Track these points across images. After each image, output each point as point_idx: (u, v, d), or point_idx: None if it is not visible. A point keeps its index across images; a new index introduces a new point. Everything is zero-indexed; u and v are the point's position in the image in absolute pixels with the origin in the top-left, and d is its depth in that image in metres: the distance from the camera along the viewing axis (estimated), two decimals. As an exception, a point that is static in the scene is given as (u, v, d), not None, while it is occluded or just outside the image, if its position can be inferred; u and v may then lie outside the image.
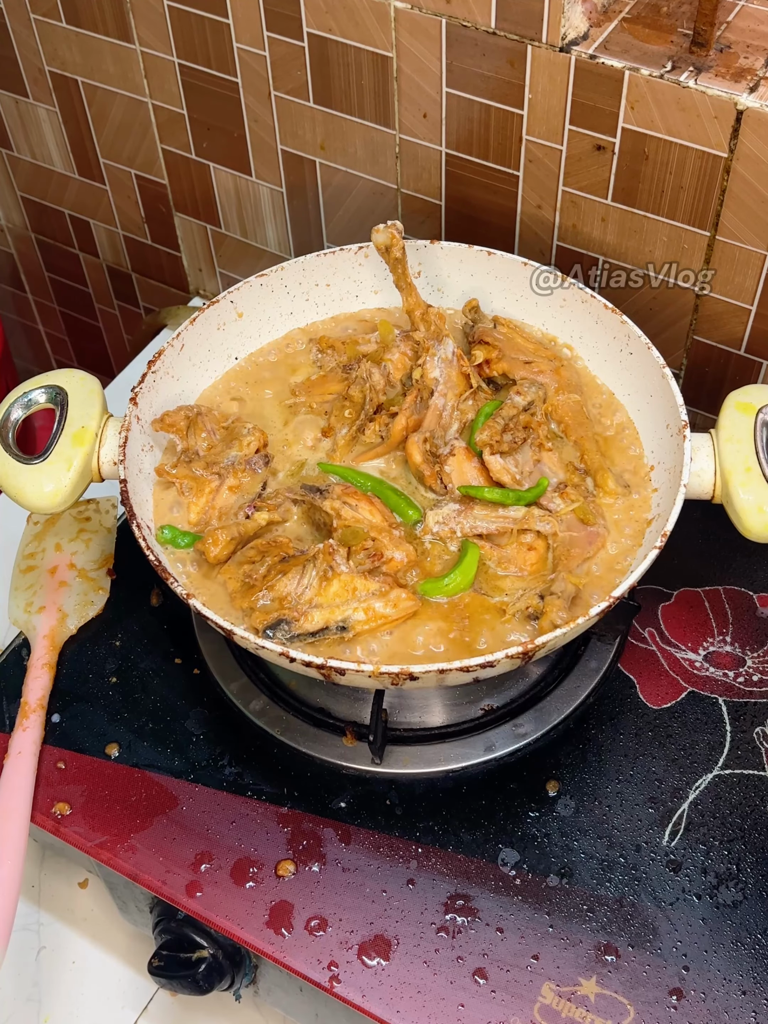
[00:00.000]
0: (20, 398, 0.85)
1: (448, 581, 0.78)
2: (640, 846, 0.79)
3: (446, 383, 0.87)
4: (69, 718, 0.88)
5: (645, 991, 0.73)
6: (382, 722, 0.81)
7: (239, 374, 0.95)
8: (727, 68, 0.84)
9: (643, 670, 0.89)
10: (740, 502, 0.78)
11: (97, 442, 0.84)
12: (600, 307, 0.90)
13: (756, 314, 0.94)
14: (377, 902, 0.77)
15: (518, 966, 0.74)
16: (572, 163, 0.93)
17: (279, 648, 0.71)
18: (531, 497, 0.82)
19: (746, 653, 0.89)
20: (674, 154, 0.87)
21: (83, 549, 0.99)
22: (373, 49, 0.96)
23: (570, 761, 0.84)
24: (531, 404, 0.86)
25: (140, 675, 0.91)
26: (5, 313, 1.69)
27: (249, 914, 0.77)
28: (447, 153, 1.00)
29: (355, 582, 0.76)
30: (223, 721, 0.88)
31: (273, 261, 1.01)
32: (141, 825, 0.82)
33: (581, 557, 0.81)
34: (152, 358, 0.89)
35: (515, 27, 0.88)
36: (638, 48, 0.86)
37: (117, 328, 1.55)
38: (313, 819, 0.81)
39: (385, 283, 0.96)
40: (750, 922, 0.76)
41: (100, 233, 1.39)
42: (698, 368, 1.02)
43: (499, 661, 0.70)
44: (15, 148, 1.35)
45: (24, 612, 0.95)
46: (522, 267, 0.94)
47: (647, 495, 0.85)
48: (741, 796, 0.82)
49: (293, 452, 0.89)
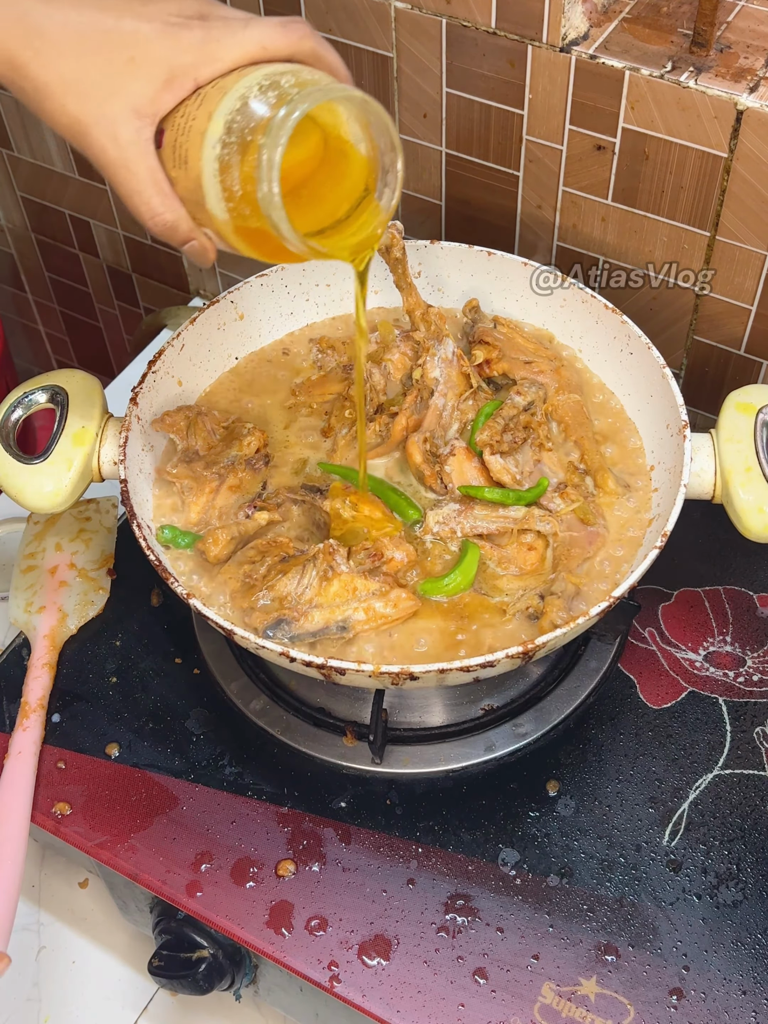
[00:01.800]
0: (20, 398, 0.85)
1: (448, 581, 0.78)
2: (640, 846, 0.79)
3: (446, 383, 0.87)
4: (69, 718, 0.88)
5: (645, 991, 0.73)
6: (382, 722, 0.81)
7: (239, 374, 0.95)
8: (727, 68, 0.84)
9: (643, 670, 0.89)
10: (740, 502, 0.78)
11: (97, 442, 0.84)
12: (600, 307, 0.90)
13: (756, 314, 0.94)
14: (377, 902, 0.77)
15: (518, 966, 0.74)
16: (572, 163, 0.93)
17: (279, 648, 0.71)
18: (531, 497, 0.82)
19: (746, 653, 0.89)
20: (674, 154, 0.87)
21: (83, 549, 0.99)
22: (373, 49, 0.96)
23: (570, 761, 0.84)
24: (531, 404, 0.86)
25: (140, 675, 0.91)
26: (5, 313, 1.69)
27: (249, 914, 0.77)
28: (447, 153, 1.00)
29: (355, 582, 0.77)
30: (223, 721, 0.88)
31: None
32: (141, 825, 0.82)
33: (581, 557, 0.81)
34: (152, 358, 0.89)
35: (515, 27, 0.88)
36: (638, 48, 0.86)
37: (117, 328, 1.55)
38: (313, 819, 0.81)
39: (385, 283, 0.96)
40: (750, 922, 0.76)
41: (100, 233, 1.39)
42: (698, 368, 1.02)
43: (499, 661, 0.70)
44: (15, 148, 1.35)
45: (24, 612, 0.95)
46: (522, 267, 0.94)
47: (647, 495, 0.85)
48: (741, 796, 0.82)
49: (293, 452, 0.89)
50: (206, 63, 0.63)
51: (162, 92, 0.63)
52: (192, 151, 0.62)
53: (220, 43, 0.63)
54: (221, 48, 0.63)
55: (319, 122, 0.64)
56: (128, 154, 0.63)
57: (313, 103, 0.59)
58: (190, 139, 0.62)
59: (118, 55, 0.62)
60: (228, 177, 0.61)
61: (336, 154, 0.66)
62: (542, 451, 0.85)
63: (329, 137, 0.65)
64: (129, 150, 0.63)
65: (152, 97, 0.63)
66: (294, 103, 0.59)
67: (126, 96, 0.62)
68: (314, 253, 0.63)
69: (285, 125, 0.59)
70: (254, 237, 0.64)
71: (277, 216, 0.60)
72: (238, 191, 0.61)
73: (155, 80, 0.62)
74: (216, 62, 0.63)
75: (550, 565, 0.80)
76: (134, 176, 0.63)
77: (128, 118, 0.62)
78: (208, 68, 0.63)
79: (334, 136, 0.65)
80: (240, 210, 0.62)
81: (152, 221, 0.65)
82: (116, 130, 0.62)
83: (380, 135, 0.64)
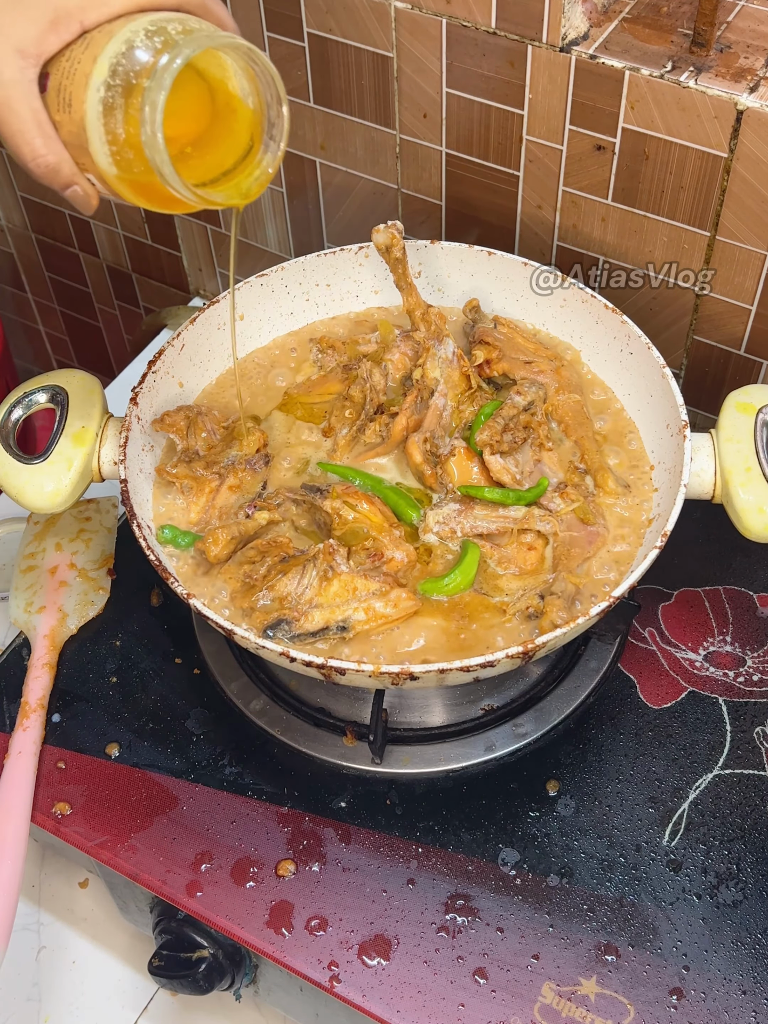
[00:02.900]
0: (20, 398, 0.85)
1: (448, 581, 0.78)
2: (640, 846, 0.79)
3: (446, 383, 0.87)
4: (69, 718, 0.88)
5: (645, 991, 0.73)
6: (382, 722, 0.81)
7: (239, 374, 0.95)
8: (727, 68, 0.84)
9: (643, 670, 0.89)
10: (740, 502, 0.78)
11: (97, 442, 0.84)
12: (600, 307, 0.90)
13: (756, 314, 0.94)
14: (377, 902, 0.77)
15: (518, 966, 0.74)
16: (572, 163, 0.93)
17: (279, 648, 0.71)
18: (531, 497, 0.82)
19: (746, 653, 0.89)
20: (674, 154, 0.87)
21: (83, 549, 0.99)
22: (373, 49, 0.96)
23: (570, 761, 0.84)
24: (531, 404, 0.86)
25: (140, 675, 0.91)
26: (5, 313, 1.69)
27: (249, 914, 0.77)
28: (447, 153, 1.00)
29: (355, 582, 0.77)
30: (223, 721, 0.88)
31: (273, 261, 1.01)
32: (141, 825, 0.82)
33: (581, 557, 0.81)
34: (152, 358, 0.89)
35: (515, 27, 0.88)
36: (638, 48, 0.86)
37: (117, 328, 1.55)
38: (313, 819, 0.81)
39: (385, 283, 0.96)
40: (750, 922, 0.76)
41: (100, 233, 1.39)
42: (698, 368, 1.02)
43: (499, 661, 0.70)
44: (15, 148, 1.35)
45: (24, 612, 0.95)
46: (522, 267, 0.94)
47: (647, 495, 0.85)
48: (741, 796, 0.82)
49: (293, 452, 0.89)
50: (93, 7, 0.63)
51: (47, 33, 0.62)
52: (76, 94, 0.62)
53: None
54: None
55: (207, 77, 0.65)
56: (11, 93, 0.62)
57: (198, 48, 0.61)
58: (75, 82, 0.62)
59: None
60: (112, 120, 0.62)
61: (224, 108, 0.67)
62: (542, 451, 0.85)
63: (216, 92, 0.66)
64: (12, 89, 0.62)
65: (37, 38, 0.62)
66: (179, 47, 0.60)
67: (9, 36, 0.62)
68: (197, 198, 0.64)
69: (170, 67, 0.60)
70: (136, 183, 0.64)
71: (159, 159, 0.61)
72: (121, 134, 0.62)
73: (40, 21, 0.62)
74: (103, 7, 0.63)
75: (550, 565, 0.80)
76: (16, 116, 0.63)
77: (11, 57, 0.62)
78: (95, 12, 0.63)
79: (221, 91, 0.66)
80: (123, 154, 0.62)
81: (34, 163, 0.64)
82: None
83: (266, 87, 0.65)
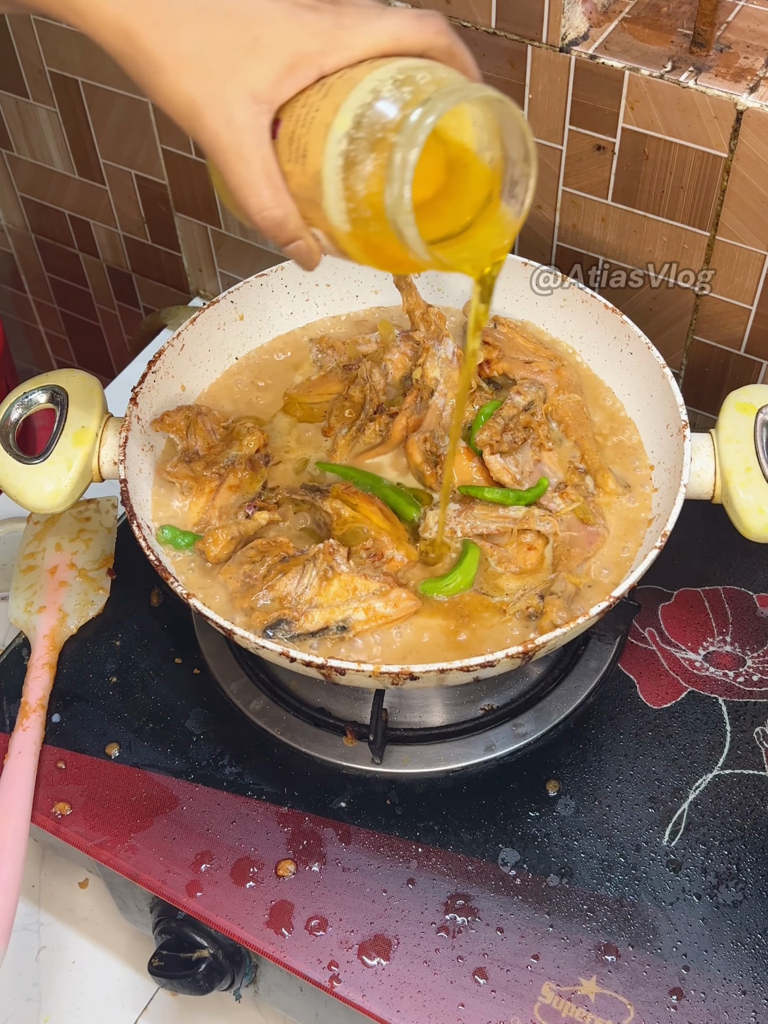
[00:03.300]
0: (20, 398, 0.85)
1: (448, 581, 0.78)
2: (640, 846, 0.79)
3: (446, 383, 0.87)
4: (69, 718, 0.88)
5: (645, 991, 0.73)
6: (382, 722, 0.81)
7: (239, 374, 0.95)
8: (727, 68, 0.84)
9: (643, 670, 0.89)
10: (740, 502, 0.78)
11: (97, 442, 0.84)
12: (600, 307, 0.90)
13: (756, 314, 0.94)
14: (377, 902, 0.77)
15: (518, 966, 0.74)
16: (572, 163, 0.93)
17: (279, 648, 0.71)
18: (531, 497, 0.82)
19: (746, 653, 0.89)
20: (674, 154, 0.87)
21: (83, 549, 0.99)
22: (373, 49, 0.96)
23: (570, 761, 0.84)
24: (531, 404, 0.86)
25: (140, 675, 0.91)
26: (5, 313, 1.69)
27: (249, 914, 0.77)
28: (447, 153, 1.00)
29: (355, 582, 0.77)
30: (223, 721, 0.88)
31: (273, 261, 1.01)
32: (141, 825, 0.82)
33: (581, 557, 0.81)
34: (152, 358, 0.89)
35: (515, 27, 0.88)
36: (638, 48, 0.86)
37: (117, 328, 1.55)
38: (313, 819, 0.81)
39: (385, 283, 0.96)
40: (750, 922, 0.76)
41: (100, 233, 1.39)
42: (698, 368, 1.02)
43: (499, 661, 0.70)
44: (15, 148, 1.35)
45: (24, 612, 0.95)
46: (522, 267, 0.94)
47: (647, 495, 0.85)
48: (741, 796, 0.82)
49: (293, 452, 0.89)
50: (334, 51, 0.58)
51: (284, 78, 0.57)
52: (313, 145, 0.57)
53: (351, 31, 0.58)
54: (352, 36, 0.58)
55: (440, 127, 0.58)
56: (243, 140, 0.58)
57: (454, 102, 0.54)
58: (312, 131, 0.57)
59: (242, 34, 0.57)
60: (352, 175, 0.56)
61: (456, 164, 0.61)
62: (542, 451, 0.85)
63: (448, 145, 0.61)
64: (244, 136, 0.58)
65: (273, 82, 0.57)
66: (433, 101, 0.54)
67: (246, 79, 0.57)
68: (437, 263, 0.58)
69: (423, 123, 0.54)
70: (368, 242, 0.59)
71: (404, 220, 0.55)
72: (361, 191, 0.56)
73: (278, 64, 0.57)
74: (345, 51, 0.58)
75: (550, 565, 0.80)
76: (247, 166, 0.58)
77: (245, 102, 0.57)
78: (335, 57, 0.58)
79: (454, 144, 0.61)
80: (360, 211, 0.57)
81: (260, 215, 0.60)
82: (232, 114, 0.57)
83: (514, 143, 0.59)
